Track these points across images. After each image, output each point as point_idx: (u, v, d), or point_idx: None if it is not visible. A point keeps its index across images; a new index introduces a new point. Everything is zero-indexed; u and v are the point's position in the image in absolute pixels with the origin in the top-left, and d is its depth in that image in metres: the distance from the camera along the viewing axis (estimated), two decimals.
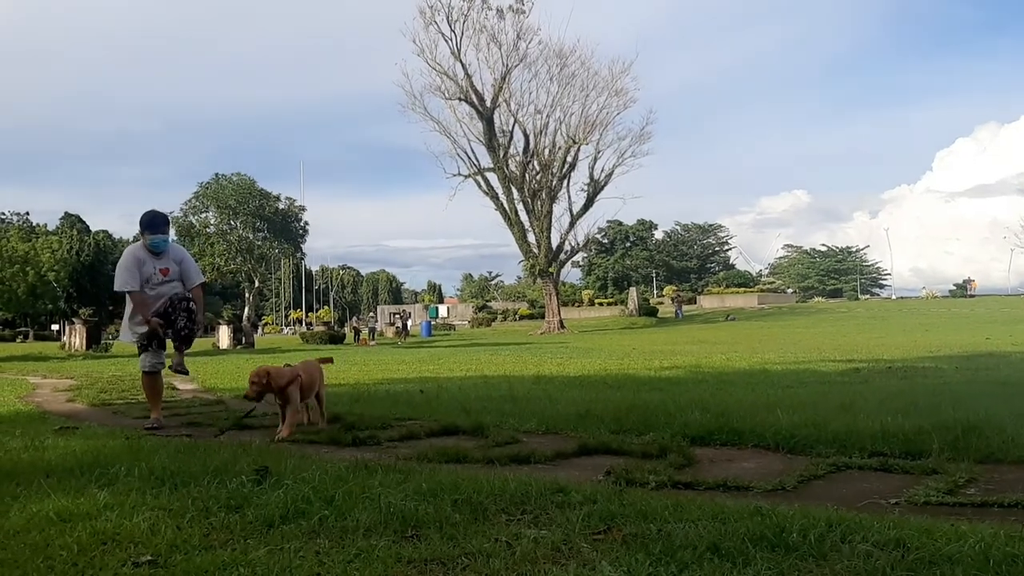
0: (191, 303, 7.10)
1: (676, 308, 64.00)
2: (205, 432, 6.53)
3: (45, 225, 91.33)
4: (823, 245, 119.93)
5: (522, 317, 71.62)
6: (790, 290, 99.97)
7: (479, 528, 3.08)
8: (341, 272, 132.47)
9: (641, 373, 11.98)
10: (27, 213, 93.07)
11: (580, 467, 4.72)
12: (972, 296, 74.78)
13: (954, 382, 9.07)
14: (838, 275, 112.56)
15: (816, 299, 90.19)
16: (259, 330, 61.87)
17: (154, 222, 7.14)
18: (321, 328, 45.45)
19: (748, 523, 2.93)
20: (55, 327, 76.10)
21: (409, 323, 48.69)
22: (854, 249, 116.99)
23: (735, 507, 3.23)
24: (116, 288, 7.08)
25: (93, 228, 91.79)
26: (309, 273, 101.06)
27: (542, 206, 48.73)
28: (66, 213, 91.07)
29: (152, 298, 7.02)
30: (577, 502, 3.42)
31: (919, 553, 2.52)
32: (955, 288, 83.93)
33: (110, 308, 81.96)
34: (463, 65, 47.04)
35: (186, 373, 7.18)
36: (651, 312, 61.41)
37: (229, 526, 3.19)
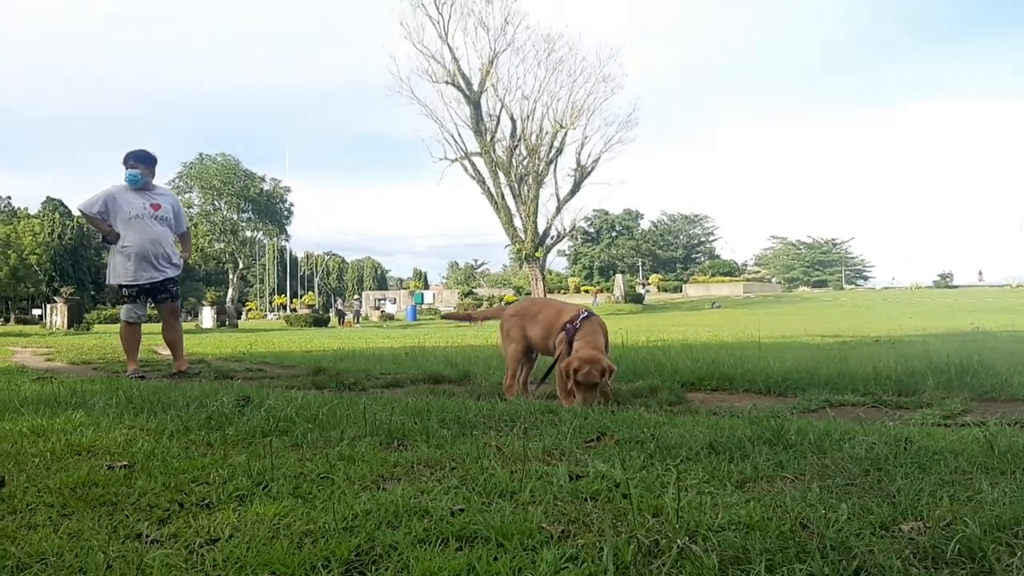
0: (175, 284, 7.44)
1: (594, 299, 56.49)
2: (188, 381, 6.41)
3: (27, 209, 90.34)
4: (808, 236, 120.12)
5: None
6: (775, 280, 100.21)
7: (467, 439, 2.99)
8: (327, 258, 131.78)
9: (629, 344, 11.89)
10: (9, 197, 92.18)
11: None
12: (955, 287, 75.33)
13: (943, 349, 9.03)
14: (823, 267, 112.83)
15: (801, 289, 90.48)
16: (242, 315, 61.34)
17: (127, 157, 7.25)
18: (305, 311, 45.12)
19: (745, 428, 2.85)
20: (36, 311, 75.22)
21: (355, 315, 44.63)
22: (839, 241, 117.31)
23: (731, 420, 3.15)
24: (78, 205, 7.31)
25: (75, 212, 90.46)
26: (294, 259, 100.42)
27: (529, 191, 48.64)
28: (48, 197, 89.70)
29: (146, 234, 7.10)
30: (567, 419, 3.34)
31: (922, 444, 2.45)
32: (938, 278, 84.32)
33: (92, 293, 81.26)
34: (450, 48, 46.87)
35: (196, 374, 7.02)
36: (637, 299, 61.43)
37: (210, 442, 3.08)
